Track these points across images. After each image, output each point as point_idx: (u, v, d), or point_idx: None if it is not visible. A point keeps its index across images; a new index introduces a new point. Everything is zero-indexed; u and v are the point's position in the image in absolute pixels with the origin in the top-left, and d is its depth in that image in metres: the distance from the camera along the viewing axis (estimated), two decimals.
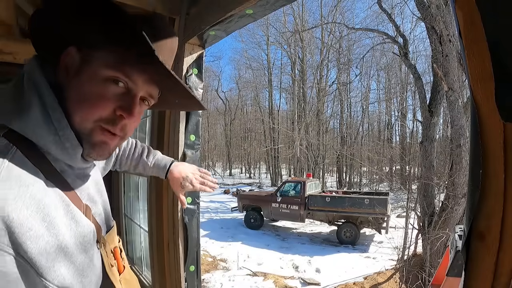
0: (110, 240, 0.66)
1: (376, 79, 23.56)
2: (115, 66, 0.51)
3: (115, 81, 0.52)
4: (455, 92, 5.95)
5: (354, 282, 6.37)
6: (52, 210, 0.47)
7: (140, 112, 0.58)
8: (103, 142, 0.54)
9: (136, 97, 0.55)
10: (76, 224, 0.52)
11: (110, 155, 0.58)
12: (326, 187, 17.73)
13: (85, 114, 0.51)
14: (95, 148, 0.54)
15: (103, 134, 0.53)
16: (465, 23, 0.47)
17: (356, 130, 21.96)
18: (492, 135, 0.47)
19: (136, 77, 0.53)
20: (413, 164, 11.22)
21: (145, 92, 0.57)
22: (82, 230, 0.54)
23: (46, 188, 0.48)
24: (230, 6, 1.01)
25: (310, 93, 21.26)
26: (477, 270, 0.50)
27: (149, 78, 0.55)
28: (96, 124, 0.52)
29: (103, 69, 0.51)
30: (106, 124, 0.52)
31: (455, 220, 5.76)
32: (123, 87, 0.53)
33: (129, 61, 0.52)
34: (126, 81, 0.53)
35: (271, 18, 22.10)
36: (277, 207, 9.89)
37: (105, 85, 0.52)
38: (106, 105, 0.52)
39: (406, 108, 19.44)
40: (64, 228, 0.49)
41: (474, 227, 0.50)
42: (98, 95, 0.51)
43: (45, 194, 0.47)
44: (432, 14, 6.28)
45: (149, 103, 0.60)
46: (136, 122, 0.58)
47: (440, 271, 2.83)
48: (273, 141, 23.54)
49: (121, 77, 0.52)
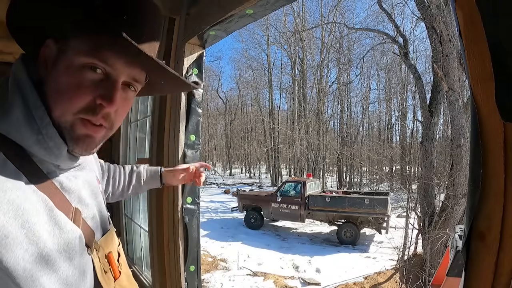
0: (106, 244, 0.62)
1: (376, 79, 23.58)
2: (89, 52, 0.48)
3: (92, 68, 0.49)
4: (455, 92, 5.95)
5: (354, 282, 6.37)
6: (33, 216, 0.44)
7: (126, 99, 0.54)
8: (86, 136, 0.51)
9: (116, 82, 0.51)
10: (60, 230, 0.49)
11: (96, 148, 0.55)
12: (326, 187, 17.73)
13: (64, 106, 0.49)
14: (79, 143, 0.51)
15: (85, 126, 0.50)
16: (465, 23, 0.47)
17: (356, 130, 21.95)
18: (492, 135, 0.47)
19: (113, 61, 0.49)
20: (413, 164, 11.21)
21: (128, 76, 0.52)
22: (67, 237, 0.50)
23: (27, 192, 0.46)
24: (230, 6, 1.01)
25: (310, 93, 21.27)
26: (477, 270, 0.50)
27: (129, 61, 0.51)
28: (76, 116, 0.49)
29: (78, 56, 0.48)
30: (86, 114, 0.49)
31: (455, 220, 5.76)
32: (101, 73, 0.50)
33: (103, 45, 0.48)
34: (104, 67, 0.49)
35: (271, 18, 22.13)
36: (277, 207, 9.88)
37: (82, 73, 0.49)
38: (84, 95, 0.48)
39: (406, 108, 19.46)
40: (46, 234, 0.46)
41: (474, 227, 0.50)
42: (75, 85, 0.48)
43: (25, 198, 0.44)
44: (432, 14, 6.28)
45: (135, 88, 0.56)
46: (122, 111, 0.54)
47: (440, 271, 2.83)
48: (273, 141, 23.54)
49: (97, 63, 0.49)
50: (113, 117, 0.53)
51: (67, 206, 0.52)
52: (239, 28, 1.18)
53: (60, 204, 0.51)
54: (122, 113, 0.55)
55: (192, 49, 1.31)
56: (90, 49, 0.48)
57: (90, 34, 0.48)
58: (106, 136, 0.55)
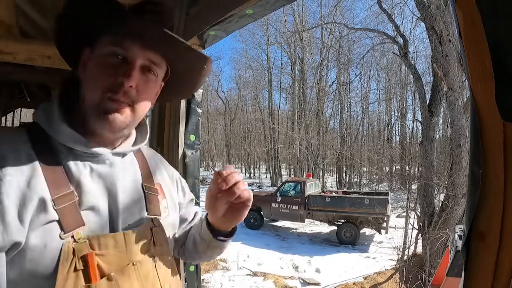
0: (97, 243, 0.56)
1: (376, 79, 23.59)
2: (110, 43, 0.60)
3: (114, 55, 0.60)
4: (455, 92, 5.95)
5: (354, 282, 6.37)
6: (12, 168, 0.52)
7: (147, 81, 0.63)
8: (111, 109, 0.59)
9: (133, 62, 0.60)
10: (29, 190, 0.52)
11: (123, 125, 0.61)
12: (326, 187, 17.72)
13: (92, 88, 0.60)
14: (107, 117, 0.58)
15: (109, 102, 0.59)
16: (465, 23, 0.47)
17: (356, 130, 21.95)
18: (492, 135, 0.47)
19: (129, 45, 0.60)
20: (413, 164, 11.21)
21: (144, 59, 0.61)
22: (30, 195, 0.52)
23: (23, 156, 0.54)
24: (230, 6, 1.01)
25: (310, 93, 21.28)
26: (477, 270, 0.50)
27: (144, 44, 0.60)
28: (104, 95, 0.58)
29: (103, 48, 0.61)
30: (109, 92, 0.58)
31: (455, 220, 5.76)
32: (121, 58, 0.60)
33: (119, 36, 0.59)
34: (122, 52, 0.60)
35: (271, 18, 22.10)
36: (277, 207, 9.88)
37: (106, 60, 0.60)
38: (107, 76, 0.59)
39: (406, 108, 19.48)
40: (14, 187, 0.51)
41: (474, 227, 0.50)
42: (100, 70, 0.60)
43: (14, 150, 0.54)
44: (432, 14, 6.28)
45: (155, 72, 0.64)
46: (144, 92, 0.62)
47: (440, 271, 2.84)
48: (273, 141, 23.52)
49: (117, 50, 0.60)
50: (134, 95, 0.61)
51: (61, 183, 0.56)
52: (239, 28, 1.18)
53: (52, 178, 0.55)
54: (144, 94, 0.63)
55: None
56: (111, 41, 0.60)
57: (112, 30, 0.60)
58: (134, 116, 0.62)
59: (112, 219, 0.61)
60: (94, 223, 0.58)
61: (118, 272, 0.56)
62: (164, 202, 0.73)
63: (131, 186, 0.66)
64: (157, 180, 0.74)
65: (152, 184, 0.71)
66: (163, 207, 0.72)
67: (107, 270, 0.55)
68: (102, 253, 0.56)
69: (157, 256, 0.65)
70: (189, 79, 0.75)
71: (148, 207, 0.67)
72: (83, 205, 0.57)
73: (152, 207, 0.68)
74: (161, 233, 0.67)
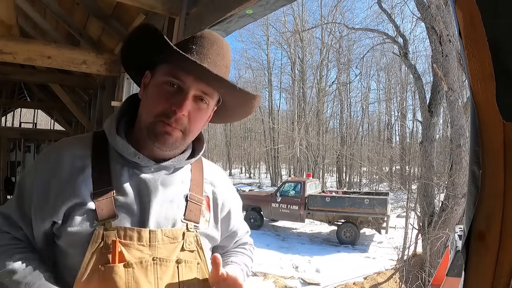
0: (124, 234, 0.63)
1: (376, 79, 23.57)
2: (168, 72, 0.66)
3: (170, 84, 0.66)
4: (455, 92, 5.95)
5: (354, 282, 6.37)
6: (62, 167, 0.67)
7: (199, 109, 0.69)
8: (164, 132, 0.66)
9: (187, 93, 0.66)
10: (74, 185, 0.65)
11: (172, 146, 0.68)
12: (326, 187, 17.72)
13: (148, 111, 0.67)
14: (158, 138, 0.66)
15: (163, 125, 0.66)
16: (465, 23, 0.47)
17: (356, 130, 21.93)
18: (492, 135, 0.47)
19: (184, 77, 0.65)
20: (413, 164, 11.22)
21: (197, 90, 0.67)
22: (74, 189, 0.65)
23: (77, 158, 0.68)
24: (230, 6, 1.01)
25: (310, 93, 21.24)
26: (477, 270, 0.50)
27: (197, 77, 0.66)
28: (157, 119, 0.66)
29: (161, 76, 0.67)
30: (163, 117, 0.65)
31: (455, 220, 5.76)
32: (176, 87, 0.66)
33: (177, 67, 0.66)
34: (177, 82, 0.66)
35: (271, 18, 22.07)
36: (277, 207, 9.88)
37: (162, 87, 0.67)
38: (162, 102, 0.66)
39: (406, 108, 19.46)
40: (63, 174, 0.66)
41: (474, 227, 0.50)
42: (157, 96, 0.67)
43: (72, 154, 0.68)
44: (432, 14, 6.27)
45: (207, 101, 0.69)
46: (196, 119, 0.69)
47: (440, 271, 2.84)
48: (273, 141, 23.51)
49: (173, 80, 0.66)
50: (186, 122, 0.67)
51: (104, 181, 0.66)
52: (239, 28, 1.18)
53: (98, 176, 0.67)
54: (195, 121, 0.69)
55: None
56: (168, 71, 0.67)
57: (169, 62, 0.67)
58: (184, 139, 0.70)
59: (143, 217, 0.67)
60: (125, 217, 0.66)
61: (137, 262, 0.63)
62: (207, 215, 0.76)
63: (173, 192, 0.72)
64: (206, 193, 0.78)
65: (200, 195, 0.76)
66: (204, 219, 0.75)
67: (128, 258, 0.63)
68: (126, 243, 0.63)
69: (182, 258, 0.68)
70: (237, 109, 0.81)
71: (186, 213, 0.72)
72: (117, 201, 0.66)
73: (190, 214, 0.72)
74: (193, 239, 0.71)
